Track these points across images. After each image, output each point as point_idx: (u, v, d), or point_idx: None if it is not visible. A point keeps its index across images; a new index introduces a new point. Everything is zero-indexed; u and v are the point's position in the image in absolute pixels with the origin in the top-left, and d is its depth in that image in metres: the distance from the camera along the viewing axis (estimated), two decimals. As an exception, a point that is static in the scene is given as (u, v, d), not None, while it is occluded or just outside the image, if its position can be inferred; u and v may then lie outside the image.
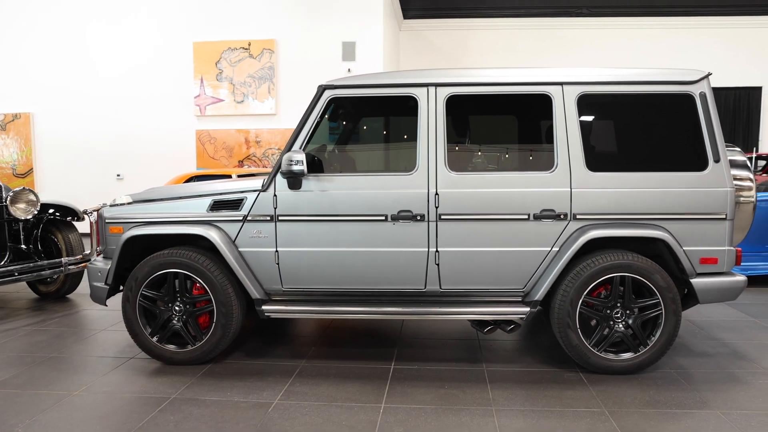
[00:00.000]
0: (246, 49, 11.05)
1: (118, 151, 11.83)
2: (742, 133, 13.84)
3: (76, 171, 11.99)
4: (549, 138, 3.79)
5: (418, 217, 3.74)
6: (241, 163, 11.13)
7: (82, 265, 5.99)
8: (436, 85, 3.79)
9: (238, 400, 3.39)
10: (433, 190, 3.74)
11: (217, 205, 3.91)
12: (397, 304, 3.87)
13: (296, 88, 11.04)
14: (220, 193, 3.94)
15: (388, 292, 3.89)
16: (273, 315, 3.87)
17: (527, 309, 3.74)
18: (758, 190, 6.51)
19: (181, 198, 4.02)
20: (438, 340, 4.56)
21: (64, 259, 5.80)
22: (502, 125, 4.06)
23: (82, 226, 10.10)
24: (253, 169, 8.30)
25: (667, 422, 3.08)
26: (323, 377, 3.76)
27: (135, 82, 11.69)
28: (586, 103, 3.76)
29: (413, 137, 3.82)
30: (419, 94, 3.80)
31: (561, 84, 3.75)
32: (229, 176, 8.09)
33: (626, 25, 14.06)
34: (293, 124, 11.08)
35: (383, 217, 3.75)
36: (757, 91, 14.04)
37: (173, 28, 11.43)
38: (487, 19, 14.17)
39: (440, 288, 3.83)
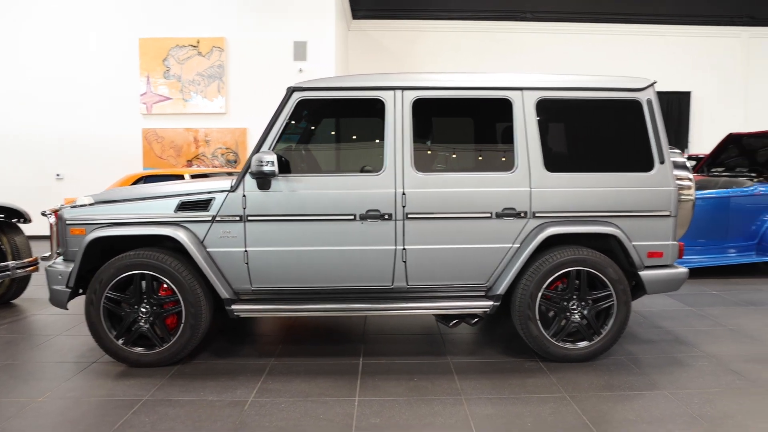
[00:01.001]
0: (195, 46, 10.89)
1: (58, 150, 11.42)
2: (674, 135, 14.71)
3: (12, 172, 11.48)
4: (510, 140, 4.01)
5: (386, 216, 3.88)
6: (189, 163, 10.97)
7: (31, 269, 5.81)
8: (404, 88, 3.95)
9: (212, 399, 3.44)
10: (400, 190, 3.89)
11: (184, 206, 3.92)
12: (365, 300, 4.00)
13: (247, 87, 10.97)
14: (188, 194, 3.96)
15: (357, 289, 4.01)
16: (243, 314, 3.92)
17: (491, 303, 3.95)
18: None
19: (146, 198, 4.01)
20: (402, 335, 4.72)
21: (11, 263, 5.61)
22: (465, 128, 4.25)
23: (30, 228, 9.71)
24: (206, 169, 8.23)
25: (622, 403, 3.35)
26: (294, 374, 3.85)
27: (75, 79, 11.31)
28: (544, 108, 4.00)
29: (381, 139, 3.96)
30: (387, 97, 3.94)
31: (521, 89, 3.98)
32: (181, 176, 7.99)
33: (568, 30, 14.69)
34: (244, 123, 11.02)
35: (352, 217, 3.88)
36: (686, 95, 14.98)
37: (117, 24, 11.13)
38: (434, 21, 14.49)
39: (407, 284, 3.98)
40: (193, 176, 7.91)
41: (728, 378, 3.77)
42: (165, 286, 3.92)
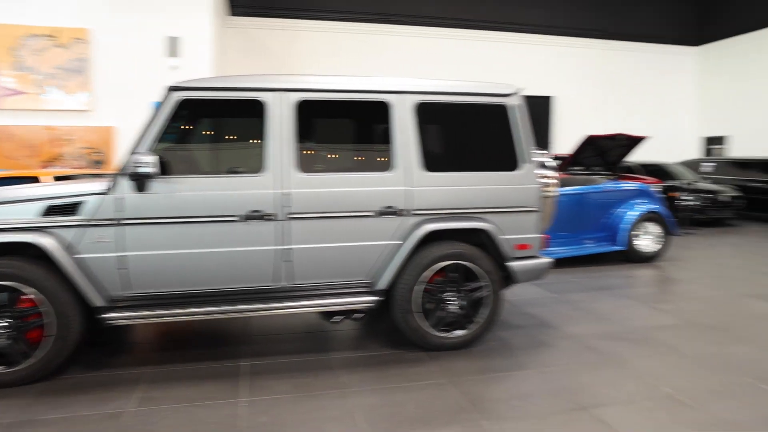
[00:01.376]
0: (53, 37, 10.09)
1: None
2: (538, 137, 15.96)
3: None
4: (389, 141, 4.21)
5: (269, 217, 3.92)
6: (46, 164, 10.15)
7: None
8: (286, 90, 4.00)
9: (86, 414, 3.29)
10: (282, 191, 3.94)
11: (52, 210, 3.70)
12: (248, 301, 4.00)
13: (115, 84, 10.35)
14: (56, 197, 3.74)
15: (240, 290, 4.01)
16: (118, 322, 3.78)
17: (374, 298, 4.12)
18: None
19: (4, 203, 3.73)
20: (286, 335, 4.77)
21: None
22: (347, 129, 4.40)
23: None
24: (70, 171, 7.69)
25: (497, 384, 3.66)
26: (176, 380, 3.77)
27: None
28: (421, 111, 4.25)
29: (263, 139, 3.99)
30: (269, 98, 3.98)
31: (400, 93, 4.20)
32: (35, 178, 7.39)
33: (444, 35, 15.42)
34: (112, 122, 10.40)
35: (235, 218, 3.87)
36: (548, 100, 16.32)
37: (-44, 8, 10.04)
38: (313, 21, 14.56)
39: (291, 284, 4.05)
40: (57, 178, 7.36)
41: (586, 354, 4.25)
42: (27, 297, 3.67)
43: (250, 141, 4.20)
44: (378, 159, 4.25)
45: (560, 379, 3.76)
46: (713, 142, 17.73)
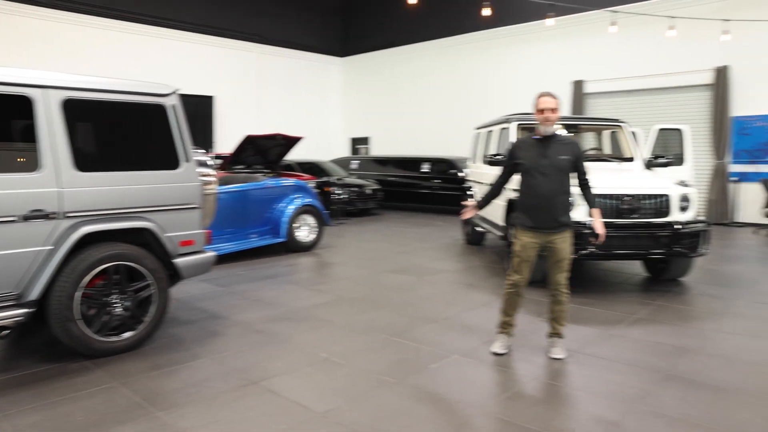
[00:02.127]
0: None
1: None
2: (200, 136, 16.11)
3: None
4: (34, 139, 3.93)
5: None
6: None
7: None
8: None
9: None
10: None
11: None
12: None
13: None
14: None
15: None
16: None
17: (23, 311, 3.82)
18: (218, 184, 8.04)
19: None
20: None
21: None
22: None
23: None
24: None
25: (170, 377, 3.82)
26: None
27: None
28: (71, 108, 4.06)
29: None
30: None
31: (44, 87, 3.94)
32: None
33: (93, 24, 14.25)
34: None
35: None
36: (210, 99, 16.61)
37: None
38: None
39: None
40: None
41: (254, 337, 4.70)
42: None
43: None
44: (21, 158, 3.94)
45: (232, 362, 4.12)
46: (359, 142, 20.51)
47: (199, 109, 16.24)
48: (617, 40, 13.58)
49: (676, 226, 5.92)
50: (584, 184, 4.36)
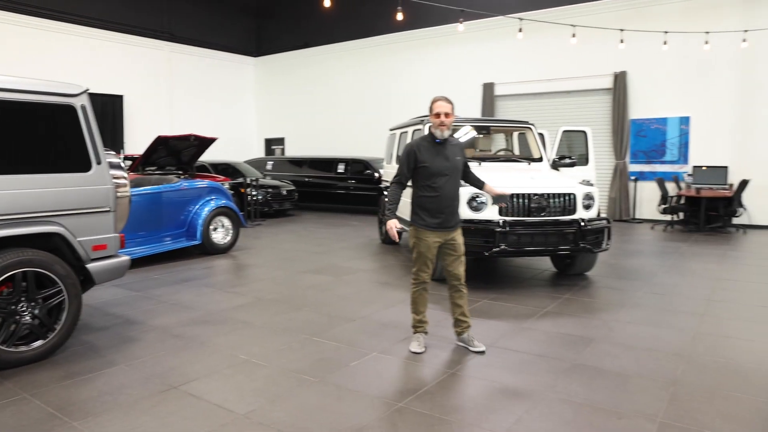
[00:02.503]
0: None
1: None
2: (110, 136, 15.44)
3: None
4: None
5: None
6: None
7: None
8: None
9: None
10: None
11: None
12: None
13: None
14: None
15: None
16: None
17: None
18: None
19: None
20: None
21: None
22: None
23: None
24: None
25: (85, 386, 3.73)
26: None
27: None
28: (-31, 106, 3.88)
29: None
30: None
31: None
32: None
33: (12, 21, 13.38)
34: None
35: None
36: (120, 99, 15.95)
37: None
38: None
39: None
40: None
41: (172, 341, 4.65)
42: None
43: None
44: None
45: (150, 368, 4.07)
46: (274, 142, 20.34)
47: (108, 109, 15.56)
48: (525, 44, 14.27)
49: (581, 224, 6.36)
50: (469, 172, 4.69)
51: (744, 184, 11.20)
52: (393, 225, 4.39)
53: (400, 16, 10.17)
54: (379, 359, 4.29)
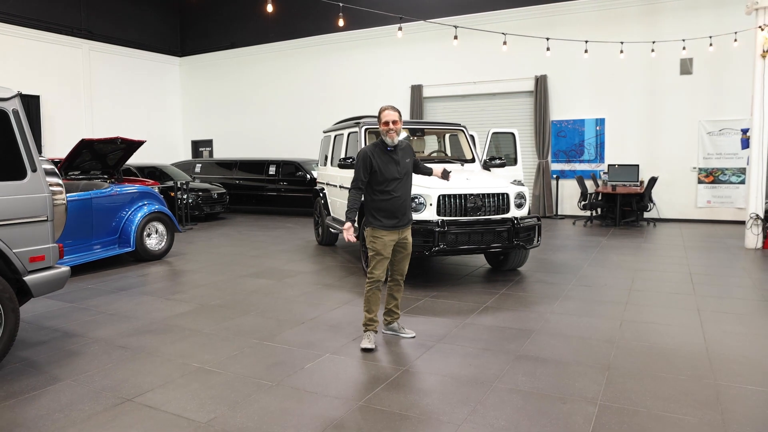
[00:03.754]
0: None
1: None
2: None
3: None
4: None
5: None
6: None
7: None
8: None
9: None
10: None
11: None
12: None
13: None
14: None
15: None
16: None
17: None
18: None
19: None
20: None
21: None
22: None
23: None
24: None
25: (32, 404, 3.57)
26: None
27: None
28: None
29: None
30: None
31: None
32: None
33: None
34: None
35: None
36: (36, 99, 15.08)
37: None
38: None
39: None
40: None
41: (118, 353, 4.51)
42: None
43: None
44: None
45: (99, 381, 3.93)
46: (201, 144, 19.83)
47: (24, 111, 14.64)
48: (452, 48, 14.56)
49: (515, 222, 6.64)
50: (419, 165, 4.98)
51: (653, 181, 12.00)
52: (350, 227, 4.55)
53: (341, 23, 10.20)
54: (333, 360, 4.34)
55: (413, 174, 4.84)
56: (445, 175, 5.05)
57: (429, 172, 5.10)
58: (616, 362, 4.23)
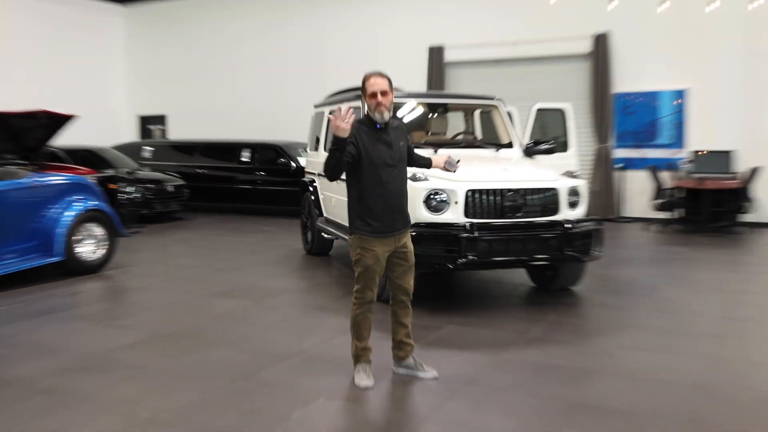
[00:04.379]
0: None
1: None
2: None
3: None
4: None
5: None
6: None
7: None
8: None
9: None
10: None
11: None
12: None
13: None
14: None
15: None
16: None
17: None
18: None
19: None
20: None
21: None
22: None
23: None
24: None
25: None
26: None
27: None
28: None
29: None
30: None
31: None
32: None
33: None
34: None
35: None
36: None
37: None
38: None
39: None
40: None
41: (40, 398, 4.47)
42: None
43: None
44: None
45: (14, 434, 3.91)
46: (152, 121, 19.86)
47: None
48: (483, -3, 14.60)
49: (567, 226, 6.57)
50: (413, 155, 4.95)
51: (754, 172, 11.89)
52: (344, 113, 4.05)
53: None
54: (328, 407, 4.32)
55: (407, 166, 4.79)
56: (450, 165, 4.96)
57: (427, 164, 5.06)
58: (708, 415, 4.18)
